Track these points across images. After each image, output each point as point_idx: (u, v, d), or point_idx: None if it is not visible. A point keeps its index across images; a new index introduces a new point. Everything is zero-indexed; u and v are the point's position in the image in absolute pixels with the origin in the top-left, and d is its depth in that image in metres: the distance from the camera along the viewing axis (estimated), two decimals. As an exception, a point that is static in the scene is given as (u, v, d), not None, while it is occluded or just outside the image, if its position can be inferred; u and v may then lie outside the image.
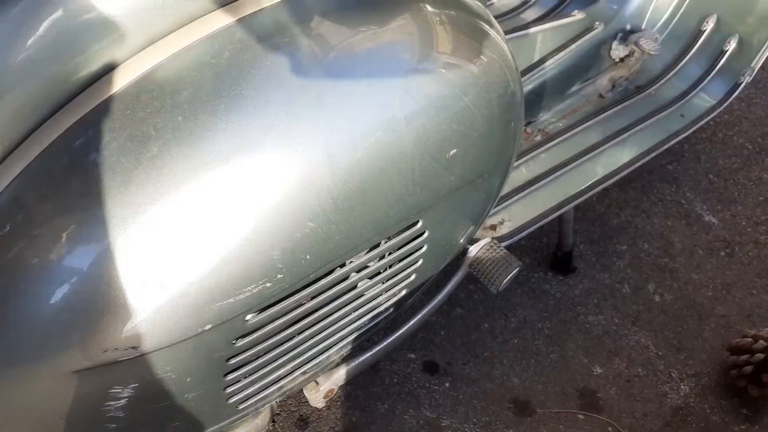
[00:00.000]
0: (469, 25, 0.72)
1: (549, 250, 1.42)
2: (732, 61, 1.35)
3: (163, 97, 0.57)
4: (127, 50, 0.59)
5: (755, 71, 1.32)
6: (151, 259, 0.55)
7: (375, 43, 0.63)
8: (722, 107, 1.32)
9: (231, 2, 0.63)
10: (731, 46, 1.35)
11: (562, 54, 1.31)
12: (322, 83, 0.60)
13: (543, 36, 1.34)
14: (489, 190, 0.82)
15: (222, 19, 0.61)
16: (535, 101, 1.29)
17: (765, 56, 1.31)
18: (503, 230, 1.08)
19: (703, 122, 1.30)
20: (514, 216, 1.11)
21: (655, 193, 1.58)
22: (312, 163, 0.59)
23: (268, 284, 0.61)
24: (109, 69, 0.59)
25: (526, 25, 1.36)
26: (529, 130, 1.28)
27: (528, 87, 1.27)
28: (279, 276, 0.61)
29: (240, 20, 0.61)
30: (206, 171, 0.56)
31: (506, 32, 1.32)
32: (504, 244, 1.04)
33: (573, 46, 1.33)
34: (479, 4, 0.77)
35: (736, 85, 1.33)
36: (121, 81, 0.59)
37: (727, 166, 1.65)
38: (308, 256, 0.62)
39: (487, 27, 0.75)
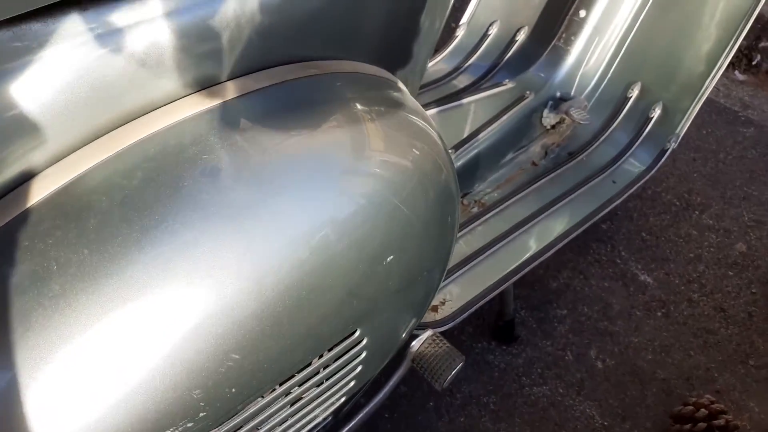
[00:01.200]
0: (401, 124, 0.70)
1: (491, 318, 1.40)
2: (658, 127, 1.39)
3: (67, 226, 0.51)
4: (41, 159, 0.53)
5: (680, 138, 1.36)
6: (55, 408, 0.48)
7: (298, 154, 0.59)
8: (651, 173, 1.34)
9: (147, 112, 0.58)
10: (656, 113, 1.39)
11: (495, 125, 1.31)
12: (243, 200, 0.55)
13: (476, 106, 1.35)
14: (430, 284, 0.79)
15: (136, 132, 0.56)
16: (470, 172, 1.28)
17: (689, 123, 1.35)
18: (445, 311, 1.05)
19: (634, 189, 1.32)
20: (456, 296, 1.08)
21: (591, 253, 1.59)
22: (234, 289, 0.54)
23: (189, 424, 0.55)
24: (12, 184, 0.53)
25: (459, 96, 1.36)
26: (465, 201, 1.27)
27: (463, 159, 1.26)
28: (201, 414, 0.55)
29: (155, 134, 0.56)
30: (114, 309, 0.50)
31: (439, 103, 1.32)
32: (446, 327, 1.01)
33: (505, 116, 1.33)
34: (411, 99, 0.75)
35: (663, 152, 1.36)
36: (21, 203, 0.53)
37: (658, 224, 1.69)
38: (234, 390, 0.56)
39: (419, 122, 0.72)
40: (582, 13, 1.42)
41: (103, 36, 0.53)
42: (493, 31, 1.58)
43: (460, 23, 1.56)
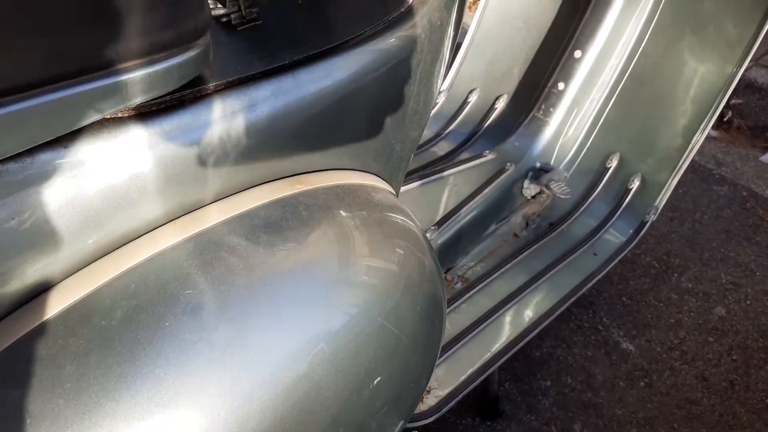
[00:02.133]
0: (385, 239, 0.68)
1: (475, 393, 1.37)
2: (637, 199, 1.40)
3: (41, 373, 0.48)
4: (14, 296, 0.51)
5: (659, 210, 1.37)
6: None
7: (281, 284, 0.58)
8: (631, 245, 1.35)
9: (129, 240, 0.56)
10: (635, 184, 1.40)
11: (477, 198, 1.31)
12: (225, 338, 0.53)
13: (457, 178, 1.35)
14: (417, 390, 0.77)
15: (117, 264, 0.54)
16: (453, 247, 1.28)
17: (668, 196, 1.36)
18: (430, 401, 1.02)
19: (615, 261, 1.33)
20: (441, 381, 1.06)
21: (573, 320, 1.59)
22: (218, 425, 0.51)
23: None
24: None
25: (440, 166, 1.36)
26: (449, 277, 1.26)
27: (446, 234, 1.25)
28: None
29: (136, 267, 0.54)
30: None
31: (421, 175, 1.32)
32: (432, 418, 0.99)
33: (487, 189, 1.34)
34: (396, 203, 0.74)
35: (643, 224, 1.37)
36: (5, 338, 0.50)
37: (638, 287, 1.70)
38: None
39: (404, 232, 0.71)
40: (560, 85, 1.44)
41: (85, 168, 0.51)
42: (473, 98, 1.60)
43: (441, 90, 1.58)
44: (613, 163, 1.43)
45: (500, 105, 1.58)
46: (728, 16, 1.23)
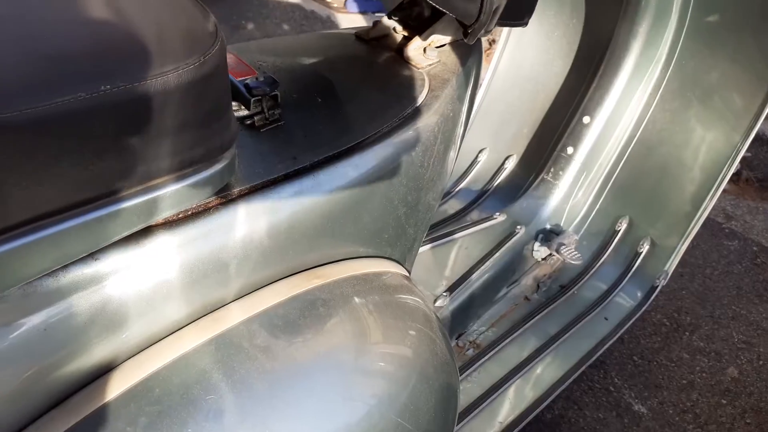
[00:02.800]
0: (400, 334, 0.70)
1: (486, 457, 1.36)
2: (647, 262, 1.41)
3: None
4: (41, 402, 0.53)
5: (669, 275, 1.38)
6: None
7: (300, 385, 0.59)
8: (642, 310, 1.35)
9: (153, 343, 0.58)
10: (645, 248, 1.41)
11: (488, 262, 1.33)
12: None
13: (468, 241, 1.37)
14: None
15: (140, 369, 0.56)
16: (464, 312, 1.29)
17: (677, 261, 1.37)
18: (441, 475, 1.02)
19: (627, 326, 1.33)
20: (452, 454, 1.06)
21: (585, 380, 1.58)
22: None
23: None
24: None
25: (451, 227, 1.38)
26: (460, 343, 1.27)
27: (458, 300, 1.27)
28: None
29: (159, 371, 0.56)
30: None
31: (432, 238, 1.34)
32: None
33: (498, 253, 1.35)
34: (411, 288, 0.76)
35: (653, 288, 1.37)
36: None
37: (649, 346, 1.69)
38: None
39: (418, 325, 0.73)
40: (569, 149, 1.46)
41: (114, 277, 0.53)
42: (483, 157, 1.63)
43: (451, 151, 1.60)
44: (623, 227, 1.45)
45: (509, 165, 1.60)
46: (734, 88, 1.26)
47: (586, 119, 1.44)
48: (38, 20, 0.46)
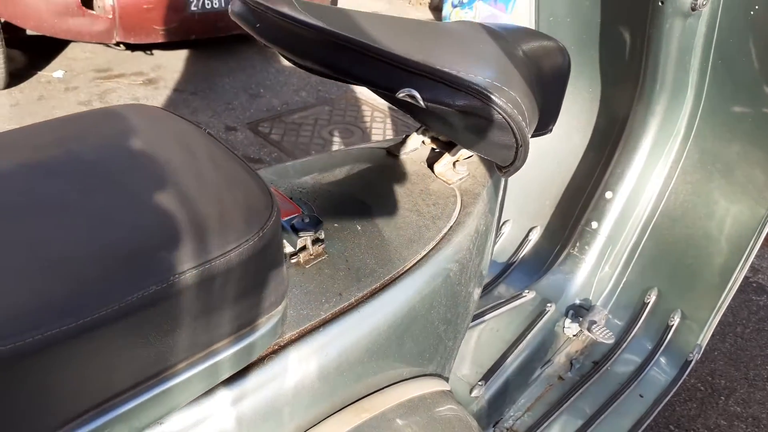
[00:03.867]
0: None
1: None
2: (679, 336, 1.40)
3: None
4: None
5: (703, 349, 1.37)
6: None
7: None
8: (677, 386, 1.34)
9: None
10: (676, 320, 1.41)
11: (522, 344, 1.33)
12: None
13: (499, 323, 1.37)
14: None
15: None
16: (500, 398, 1.29)
17: (710, 334, 1.36)
18: None
19: (663, 403, 1.32)
20: None
21: (622, 453, 1.55)
22: None
23: None
24: None
25: (482, 310, 1.39)
26: None
27: (494, 387, 1.27)
28: None
29: None
30: None
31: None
32: None
33: (530, 334, 1.35)
34: (453, 405, 0.77)
35: (687, 363, 1.37)
36: None
37: (685, 413, 1.67)
38: None
39: (462, 422, 0.73)
40: (594, 224, 1.48)
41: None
42: (507, 230, 1.64)
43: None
44: (652, 299, 1.45)
45: (534, 237, 1.62)
46: (756, 163, 1.27)
47: (608, 194, 1.46)
48: (104, 212, 0.49)
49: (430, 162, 0.88)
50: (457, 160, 0.86)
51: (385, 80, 0.60)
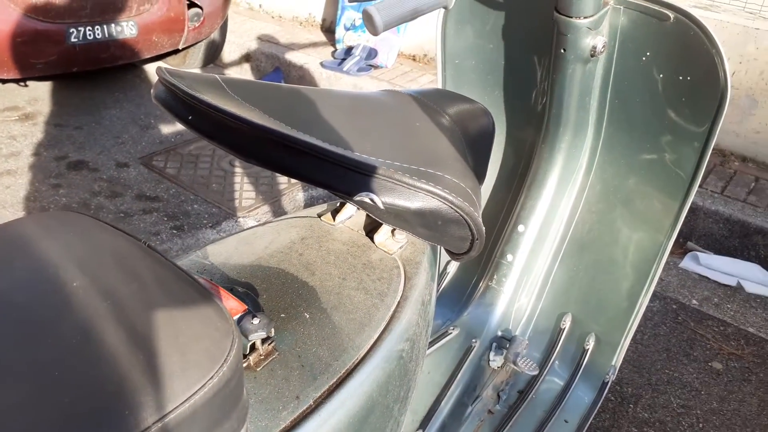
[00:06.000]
0: None
1: None
2: (595, 358, 1.48)
3: None
4: None
5: (617, 369, 1.45)
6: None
7: None
8: (597, 407, 1.41)
9: None
10: (591, 344, 1.48)
11: (453, 385, 1.35)
12: None
13: (429, 365, 1.38)
14: None
15: None
16: (436, 441, 1.29)
17: (623, 355, 1.45)
18: None
19: (587, 425, 1.38)
20: None
21: (549, 473, 1.62)
22: None
23: None
24: None
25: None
26: (436, 475, 1.27)
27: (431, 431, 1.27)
28: None
29: None
30: None
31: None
32: None
33: (460, 373, 1.38)
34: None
35: (604, 384, 1.44)
36: None
37: (600, 426, 1.77)
38: None
39: None
40: (509, 257, 1.53)
41: None
42: (425, 264, 1.66)
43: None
44: (567, 324, 1.52)
45: (451, 270, 1.65)
46: (653, 193, 1.37)
47: (521, 227, 1.52)
48: (45, 369, 0.43)
49: (368, 229, 0.87)
50: (395, 228, 0.86)
51: (342, 184, 0.58)
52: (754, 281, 2.42)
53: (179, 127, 3.16)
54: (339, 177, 0.58)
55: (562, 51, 1.23)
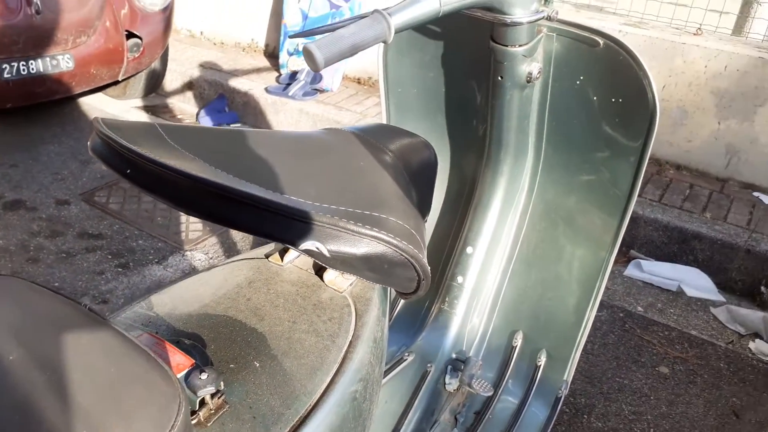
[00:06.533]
0: None
1: None
2: (547, 374, 1.51)
3: None
4: None
5: (569, 384, 1.49)
6: None
7: None
8: (553, 422, 1.44)
9: None
10: (543, 360, 1.52)
11: (411, 412, 1.35)
12: None
13: (385, 393, 1.38)
14: None
15: None
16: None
17: (574, 370, 1.49)
18: None
19: (544, 443, 1.41)
20: None
21: (510, 490, 1.63)
22: None
23: None
24: None
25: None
26: (398, 504, 1.27)
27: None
28: None
29: None
30: None
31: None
32: None
33: (417, 399, 1.38)
34: None
35: (558, 399, 1.47)
36: None
37: (557, 438, 1.80)
38: None
39: None
40: (459, 279, 1.55)
41: None
42: (377, 290, 1.67)
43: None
44: (519, 342, 1.55)
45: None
46: (592, 211, 1.42)
47: (469, 249, 1.54)
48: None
49: (317, 268, 0.87)
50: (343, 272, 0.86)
51: (287, 234, 0.59)
52: (694, 285, 2.52)
53: (121, 159, 3.09)
54: (283, 227, 0.59)
55: (500, 78, 1.27)
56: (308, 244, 0.58)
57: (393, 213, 0.66)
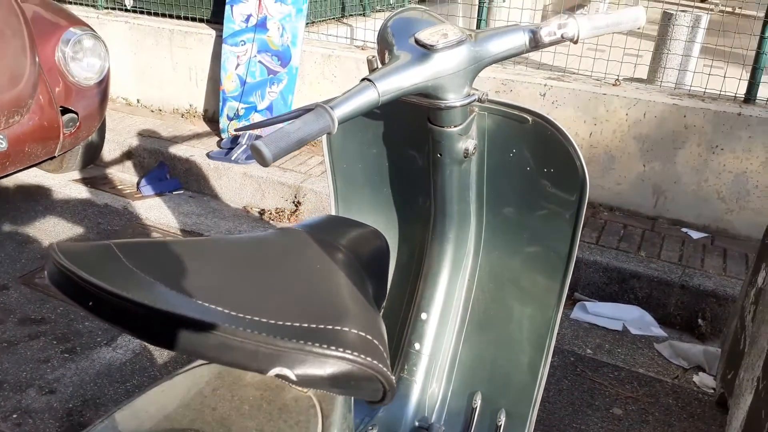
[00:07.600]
0: None
1: None
2: (508, 433, 1.54)
3: None
4: None
5: (529, 446, 1.53)
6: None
7: None
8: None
9: None
10: (503, 420, 1.55)
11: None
12: None
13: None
14: None
15: None
16: None
17: (533, 426, 1.53)
18: None
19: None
20: None
21: None
22: None
23: None
24: None
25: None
26: None
27: None
28: None
29: None
30: None
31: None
32: None
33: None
34: None
35: (519, 457, 1.51)
36: None
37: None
38: None
39: None
40: (416, 345, 1.59)
41: None
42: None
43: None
44: (478, 403, 1.58)
45: (362, 363, 1.67)
46: (537, 270, 1.49)
47: (423, 315, 1.58)
48: None
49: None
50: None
51: (252, 362, 0.61)
52: (637, 323, 2.63)
53: (60, 239, 3.02)
54: (250, 356, 0.61)
55: (439, 155, 1.34)
56: (276, 370, 0.60)
57: (355, 324, 0.69)
